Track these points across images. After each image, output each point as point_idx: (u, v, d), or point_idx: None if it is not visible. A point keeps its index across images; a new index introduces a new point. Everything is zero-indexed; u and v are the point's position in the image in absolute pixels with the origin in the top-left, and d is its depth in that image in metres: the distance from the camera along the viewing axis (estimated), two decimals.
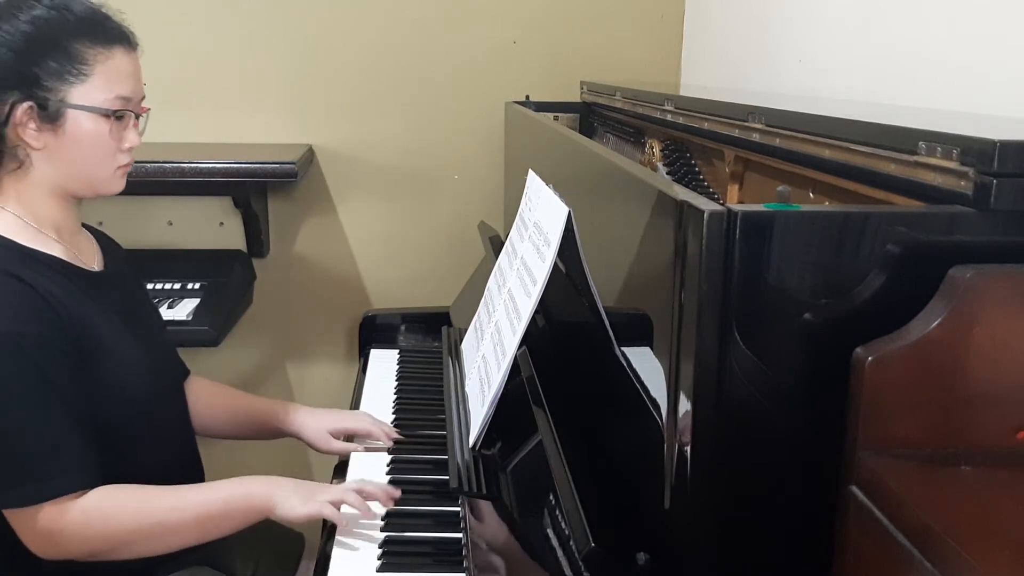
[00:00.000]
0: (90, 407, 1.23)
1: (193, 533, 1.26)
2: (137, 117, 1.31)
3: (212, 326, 2.05)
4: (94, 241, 1.40)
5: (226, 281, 2.26)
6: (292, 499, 1.27)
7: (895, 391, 0.76)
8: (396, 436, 1.57)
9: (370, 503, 1.31)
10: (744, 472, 0.82)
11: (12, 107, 1.21)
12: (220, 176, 2.11)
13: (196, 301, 2.16)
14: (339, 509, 1.28)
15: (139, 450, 1.31)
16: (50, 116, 1.22)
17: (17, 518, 1.20)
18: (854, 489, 0.76)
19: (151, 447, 1.34)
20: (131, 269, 1.47)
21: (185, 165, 2.02)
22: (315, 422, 1.57)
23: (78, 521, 1.19)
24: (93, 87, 1.23)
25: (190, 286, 2.22)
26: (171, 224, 2.38)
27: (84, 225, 1.39)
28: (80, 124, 1.24)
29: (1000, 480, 0.74)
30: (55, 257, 1.27)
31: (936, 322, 0.75)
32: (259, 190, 2.32)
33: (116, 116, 1.26)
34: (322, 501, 1.27)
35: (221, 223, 2.39)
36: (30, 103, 1.21)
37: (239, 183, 2.18)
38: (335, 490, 1.30)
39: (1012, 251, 0.79)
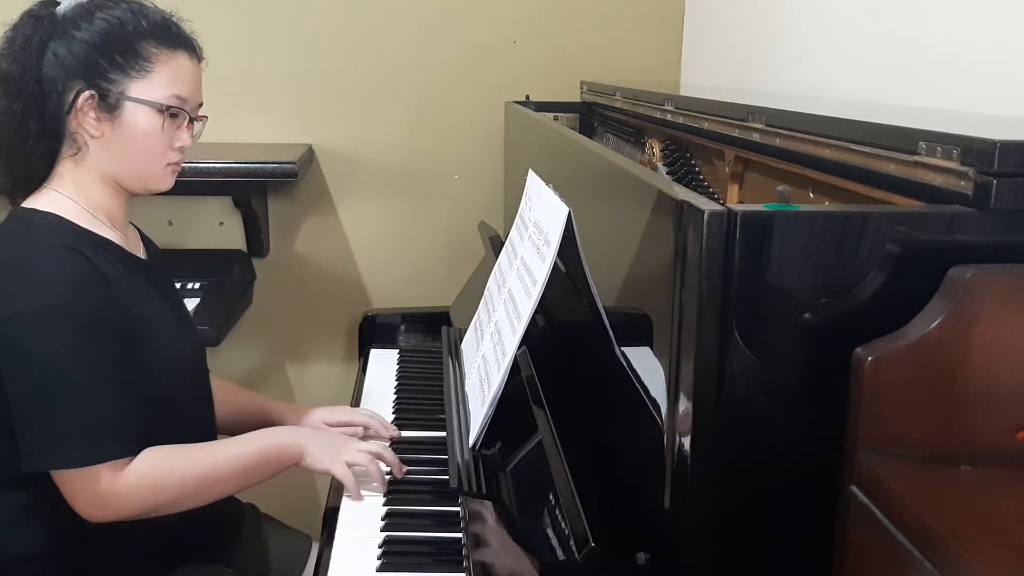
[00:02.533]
0: (136, 381, 1.27)
1: (234, 484, 1.34)
2: (192, 121, 1.37)
3: (212, 326, 2.05)
4: (137, 234, 1.47)
5: (226, 281, 2.26)
6: (319, 453, 1.36)
7: (895, 391, 0.76)
8: (395, 434, 1.59)
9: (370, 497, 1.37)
10: (744, 472, 0.82)
11: (77, 95, 1.28)
12: (220, 176, 2.10)
13: (196, 301, 2.15)
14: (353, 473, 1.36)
15: (168, 427, 1.33)
16: (109, 106, 1.29)
17: (73, 480, 1.23)
18: (854, 489, 0.76)
19: (179, 426, 1.36)
20: (164, 263, 1.53)
21: (185, 165, 1.99)
22: (309, 417, 1.61)
23: (131, 483, 1.24)
24: (153, 83, 1.30)
25: (190, 286, 2.22)
26: (171, 224, 2.38)
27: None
28: (136, 117, 1.30)
29: (1000, 480, 0.74)
30: (110, 240, 1.33)
31: (936, 322, 0.75)
32: (259, 190, 2.32)
33: (170, 113, 1.32)
34: (341, 464, 1.36)
35: (221, 223, 2.39)
36: (92, 92, 1.28)
37: (239, 183, 2.18)
38: (358, 454, 1.38)
39: (1012, 251, 0.79)
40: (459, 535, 1.28)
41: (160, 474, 1.26)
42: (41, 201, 1.31)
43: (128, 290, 1.29)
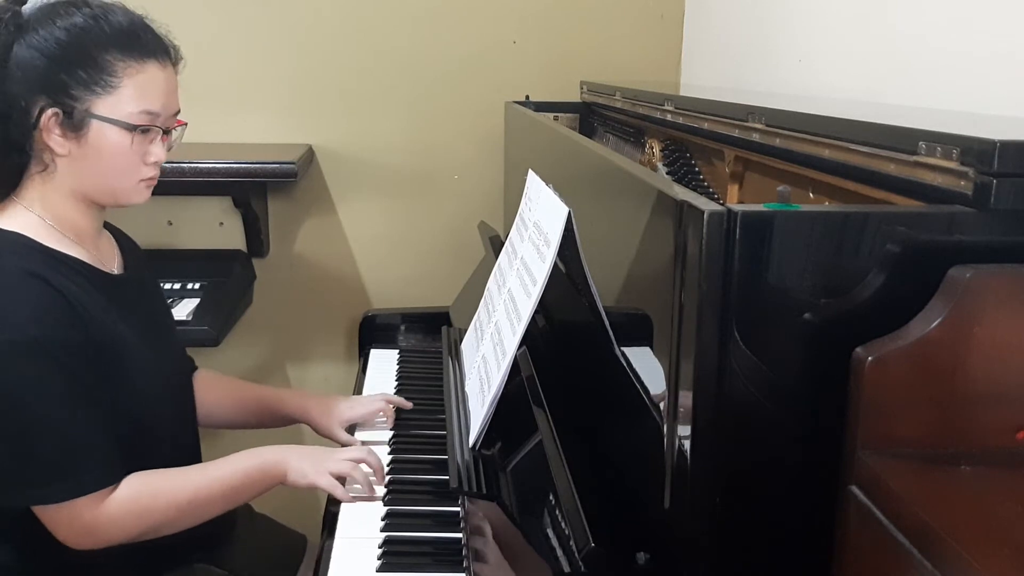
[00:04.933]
0: (110, 405, 1.25)
1: (219, 506, 1.32)
2: (167, 132, 1.30)
3: (212, 326, 2.05)
4: (114, 243, 1.41)
5: (226, 281, 2.26)
6: (303, 467, 1.33)
7: (895, 391, 0.76)
8: (407, 406, 1.63)
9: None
10: (744, 472, 0.82)
11: (40, 111, 1.22)
12: (220, 176, 2.10)
13: (196, 301, 2.15)
14: (344, 481, 1.35)
15: (147, 445, 1.32)
16: (74, 125, 1.23)
17: (56, 514, 1.22)
18: (854, 489, 0.76)
19: (159, 443, 1.36)
20: (148, 268, 1.50)
21: (185, 165, 2.02)
22: (327, 411, 1.60)
23: (115, 512, 1.22)
24: (120, 100, 1.24)
25: (190, 286, 2.22)
26: (171, 224, 2.38)
27: (105, 224, 1.40)
28: (103, 135, 1.24)
29: (1000, 480, 0.74)
30: (77, 259, 1.28)
31: (936, 322, 0.75)
32: (259, 190, 2.32)
33: (140, 130, 1.26)
34: (331, 477, 1.34)
35: (221, 223, 2.39)
36: (56, 110, 1.22)
37: (239, 183, 2.18)
38: (341, 463, 1.36)
39: (1012, 251, 0.79)
40: (459, 535, 1.28)
41: (144, 501, 1.25)
42: (5, 218, 1.26)
43: (97, 313, 1.25)
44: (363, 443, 1.54)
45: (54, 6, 1.25)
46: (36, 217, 1.27)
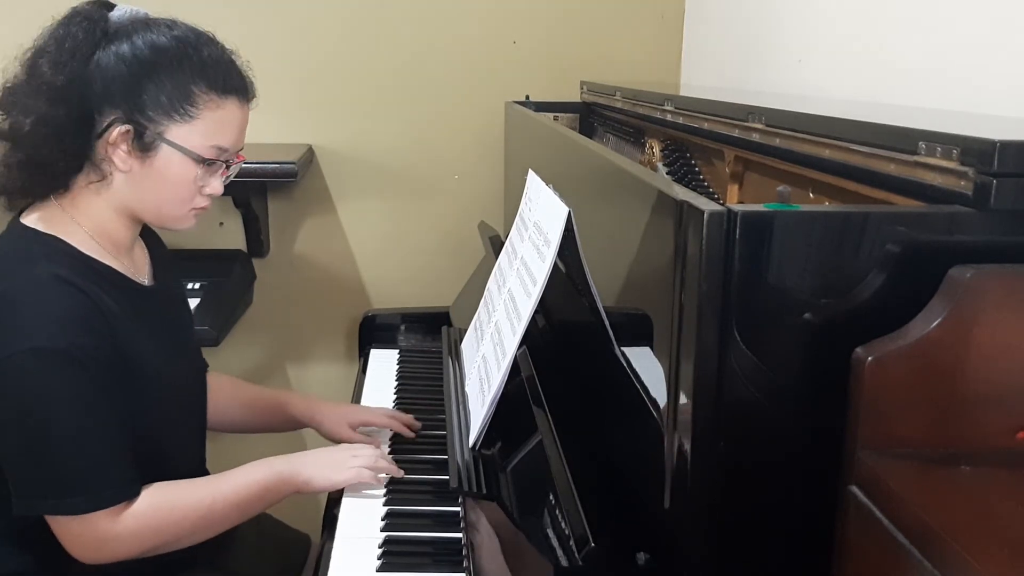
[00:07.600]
0: (130, 416, 1.24)
1: (234, 518, 1.30)
2: (228, 166, 1.30)
3: (212, 326, 2.05)
4: (146, 251, 1.40)
5: (226, 281, 2.26)
6: (325, 471, 1.34)
7: (895, 391, 0.76)
8: (415, 425, 1.61)
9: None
10: (744, 472, 0.82)
11: (111, 124, 1.20)
12: None
13: (196, 301, 2.15)
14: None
15: (156, 457, 1.30)
16: (144, 145, 1.21)
17: (70, 526, 1.19)
18: (854, 489, 0.76)
19: (167, 454, 1.34)
20: (173, 272, 1.49)
21: None
22: (335, 413, 1.60)
23: (131, 526, 1.20)
24: (194, 130, 1.23)
25: (190, 286, 2.21)
26: None
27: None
28: (170, 161, 1.23)
29: (1000, 480, 0.74)
30: (111, 268, 1.27)
31: (936, 322, 0.75)
32: (259, 190, 2.32)
33: (207, 163, 1.25)
34: (357, 467, 1.36)
35: (221, 223, 2.39)
36: (128, 127, 1.20)
37: (239, 183, 2.15)
38: (362, 456, 1.38)
39: (1012, 251, 0.79)
40: (459, 535, 1.28)
41: (160, 515, 1.22)
42: (45, 220, 1.24)
43: (125, 324, 1.23)
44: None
45: (145, 21, 1.24)
46: (75, 224, 1.25)
